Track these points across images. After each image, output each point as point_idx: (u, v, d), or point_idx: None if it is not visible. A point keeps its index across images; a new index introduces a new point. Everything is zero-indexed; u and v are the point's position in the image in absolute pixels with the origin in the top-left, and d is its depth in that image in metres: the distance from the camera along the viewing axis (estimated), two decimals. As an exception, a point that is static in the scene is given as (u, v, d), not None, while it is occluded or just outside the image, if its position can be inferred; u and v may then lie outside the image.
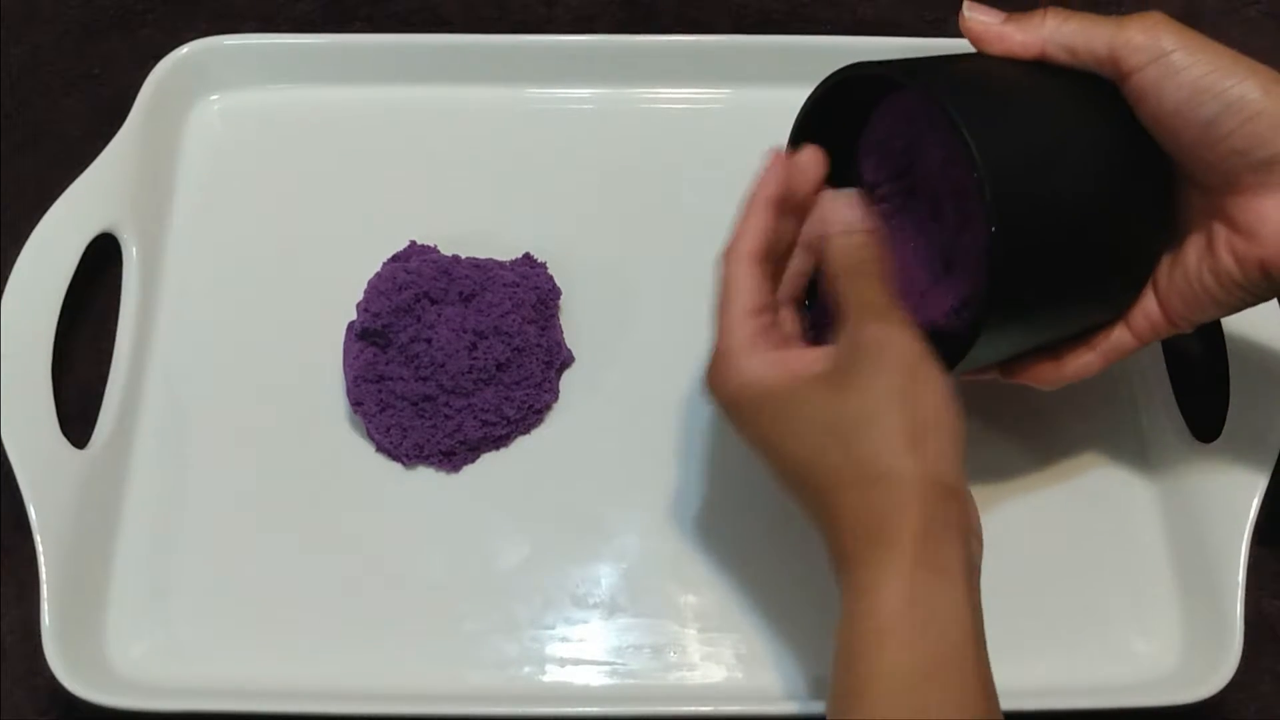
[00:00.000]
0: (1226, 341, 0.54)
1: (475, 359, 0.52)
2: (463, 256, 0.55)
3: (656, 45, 0.61)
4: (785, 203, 0.44)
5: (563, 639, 0.50)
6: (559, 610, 0.50)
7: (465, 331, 0.52)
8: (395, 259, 0.55)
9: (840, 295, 0.42)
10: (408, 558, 0.51)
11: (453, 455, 0.53)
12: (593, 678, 0.49)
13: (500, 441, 0.53)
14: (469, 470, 0.53)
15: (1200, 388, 0.54)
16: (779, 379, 0.41)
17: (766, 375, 0.41)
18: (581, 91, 0.61)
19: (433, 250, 0.55)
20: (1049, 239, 0.41)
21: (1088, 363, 0.46)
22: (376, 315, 0.52)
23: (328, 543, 0.51)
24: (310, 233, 0.58)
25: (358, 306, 0.53)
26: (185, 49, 0.60)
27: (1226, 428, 0.52)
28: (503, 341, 0.52)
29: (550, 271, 0.56)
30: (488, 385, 0.52)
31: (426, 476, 0.53)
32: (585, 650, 0.50)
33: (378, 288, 0.53)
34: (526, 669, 0.49)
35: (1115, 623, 0.51)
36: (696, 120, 0.61)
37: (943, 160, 0.44)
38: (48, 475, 0.50)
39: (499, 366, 0.52)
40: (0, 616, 0.51)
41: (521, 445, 0.54)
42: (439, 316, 0.53)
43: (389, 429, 0.52)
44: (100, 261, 0.56)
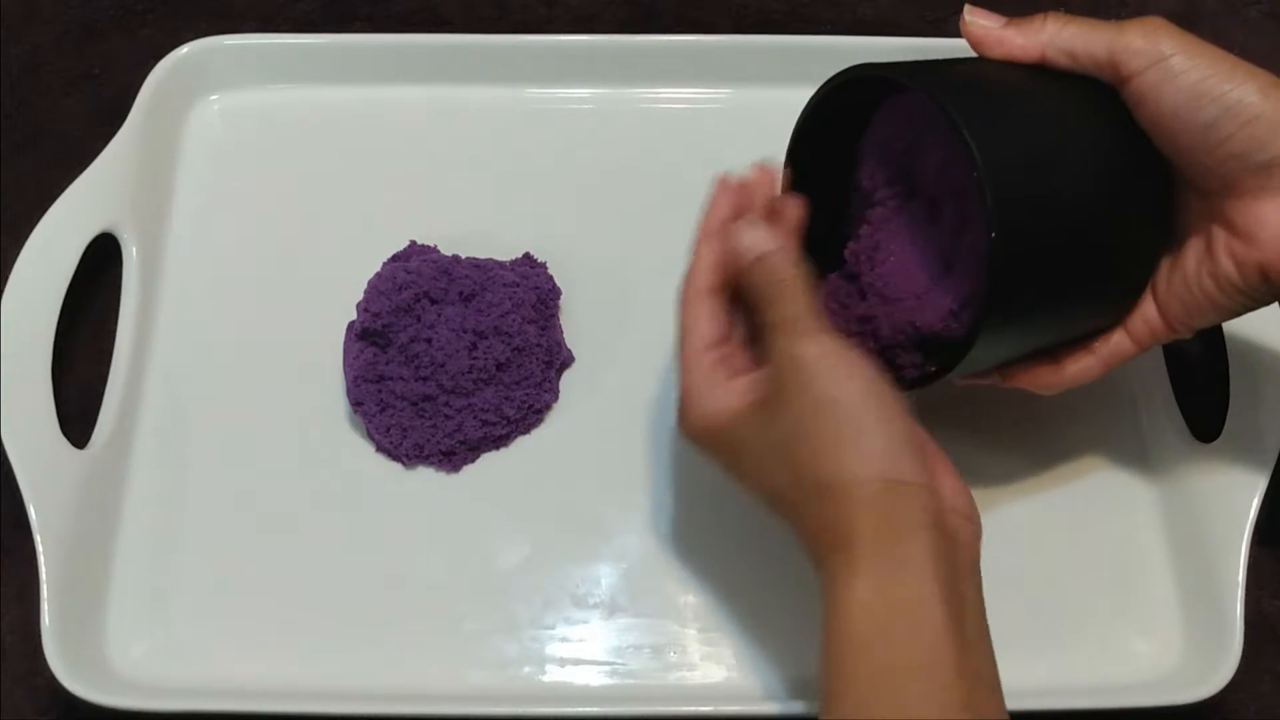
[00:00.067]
0: (1226, 342, 0.54)
1: (475, 359, 0.52)
2: (463, 256, 0.55)
3: (656, 45, 0.61)
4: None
5: (563, 639, 0.50)
6: (559, 610, 0.50)
7: (465, 331, 0.52)
8: (395, 259, 0.55)
9: (760, 321, 0.43)
10: (408, 558, 0.51)
11: (453, 455, 0.53)
12: (593, 678, 0.49)
13: (500, 441, 0.53)
14: (469, 470, 0.53)
15: (1200, 388, 0.54)
16: (727, 410, 0.42)
17: (722, 409, 0.42)
18: (581, 91, 0.61)
19: (433, 250, 0.55)
20: (1049, 240, 0.41)
21: (1087, 367, 0.46)
22: (376, 315, 0.52)
23: (328, 543, 0.51)
24: (310, 233, 0.58)
25: (358, 306, 0.53)
26: (185, 49, 0.60)
27: (1226, 428, 0.52)
28: (503, 341, 0.52)
29: (550, 271, 0.56)
30: (488, 385, 0.52)
31: (426, 476, 0.53)
32: (585, 650, 0.50)
33: (378, 288, 0.53)
34: (526, 669, 0.49)
35: (1115, 623, 0.51)
36: (696, 120, 0.61)
37: (943, 162, 0.44)
38: (48, 475, 0.50)
39: (499, 366, 0.52)
40: (0, 616, 0.51)
41: (521, 445, 0.54)
42: (439, 316, 0.53)
43: (389, 429, 0.52)
44: (100, 261, 0.56)
